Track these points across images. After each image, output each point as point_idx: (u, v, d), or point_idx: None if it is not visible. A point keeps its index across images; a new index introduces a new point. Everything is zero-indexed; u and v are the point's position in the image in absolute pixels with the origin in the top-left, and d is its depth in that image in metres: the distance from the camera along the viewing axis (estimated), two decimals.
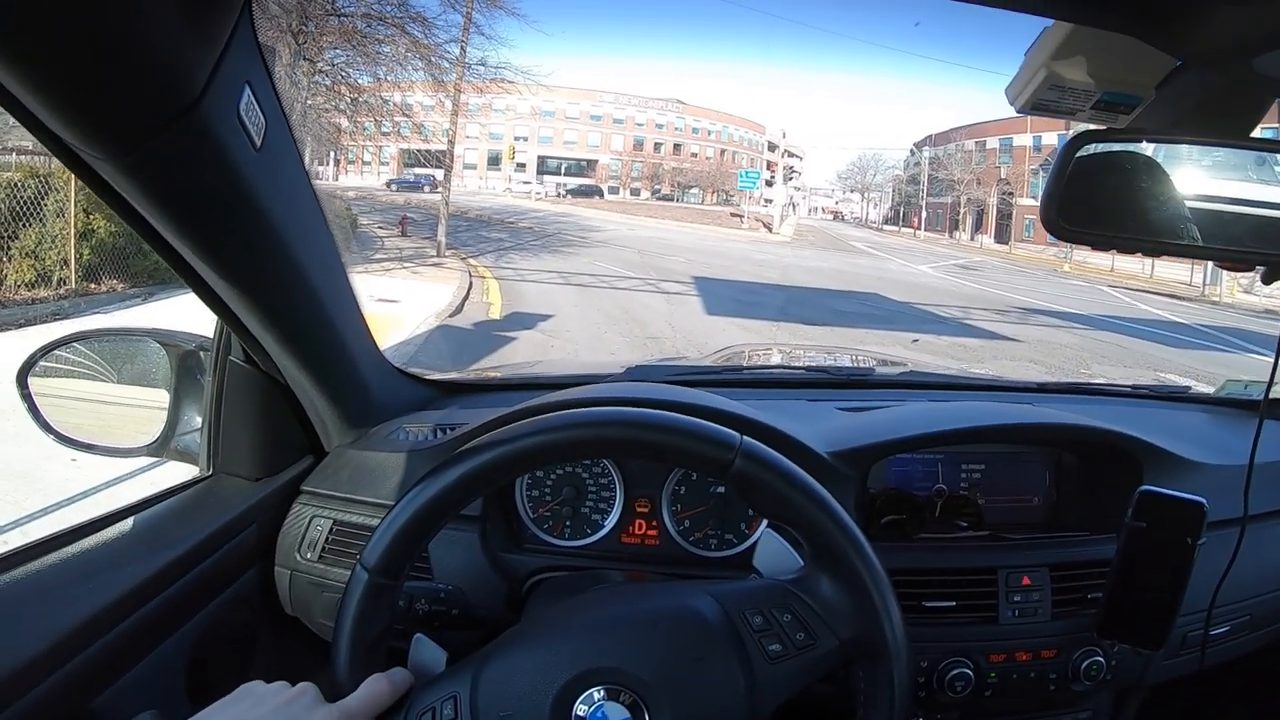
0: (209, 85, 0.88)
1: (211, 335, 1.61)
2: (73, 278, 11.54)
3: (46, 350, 1.66)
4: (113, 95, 0.81)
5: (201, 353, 1.68)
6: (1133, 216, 1.12)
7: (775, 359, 3.40)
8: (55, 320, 10.11)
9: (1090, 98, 1.19)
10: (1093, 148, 1.12)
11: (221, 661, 1.49)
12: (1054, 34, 1.13)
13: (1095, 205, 1.12)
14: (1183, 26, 0.96)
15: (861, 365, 2.82)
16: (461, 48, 21.91)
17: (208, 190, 1.02)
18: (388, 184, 43.59)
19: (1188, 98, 1.15)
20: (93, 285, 11.86)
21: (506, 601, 1.56)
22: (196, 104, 0.87)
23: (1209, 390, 2.51)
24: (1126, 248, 1.17)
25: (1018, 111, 1.27)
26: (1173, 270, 32.25)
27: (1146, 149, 1.13)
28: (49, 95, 0.78)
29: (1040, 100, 1.21)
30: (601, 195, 57.74)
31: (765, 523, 1.60)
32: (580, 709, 1.00)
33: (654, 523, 1.69)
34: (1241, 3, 0.88)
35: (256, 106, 1.01)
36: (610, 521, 1.69)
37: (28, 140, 12.64)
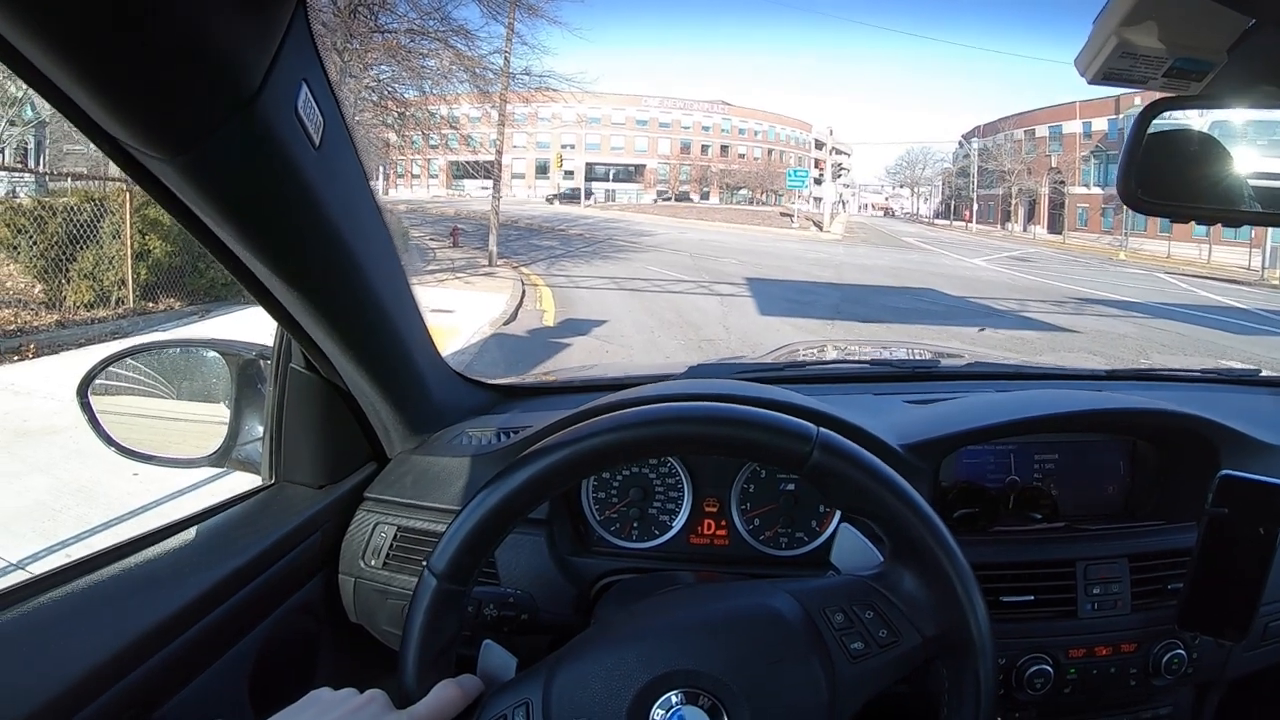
0: (265, 82, 0.86)
1: (270, 344, 1.61)
2: (130, 297, 11.80)
3: (107, 363, 1.67)
4: (168, 92, 0.80)
5: (262, 361, 1.68)
6: (1213, 185, 1.08)
7: (836, 355, 3.35)
8: (114, 339, 10.29)
9: (1162, 64, 1.15)
10: (1167, 116, 1.08)
11: (285, 670, 1.48)
12: None
13: (1174, 175, 1.09)
14: None
15: (923, 358, 2.78)
16: (505, 58, 22.14)
17: (266, 189, 1.00)
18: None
19: (1262, 60, 1.10)
20: (150, 304, 12.12)
21: (575, 605, 1.55)
22: (253, 101, 0.86)
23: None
24: (1207, 218, 1.13)
25: (1089, 82, 1.23)
26: (1231, 255, 31.78)
27: (1223, 116, 1.09)
28: (103, 94, 0.77)
29: (1111, 69, 1.17)
30: (590, 196, 57.50)
31: (838, 520, 1.57)
32: (657, 714, 0.98)
33: (723, 522, 1.67)
34: None
35: (314, 105, 0.99)
36: (679, 522, 1.66)
37: (83, 166, 12.94)
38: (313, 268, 1.19)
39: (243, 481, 1.71)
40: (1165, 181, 1.09)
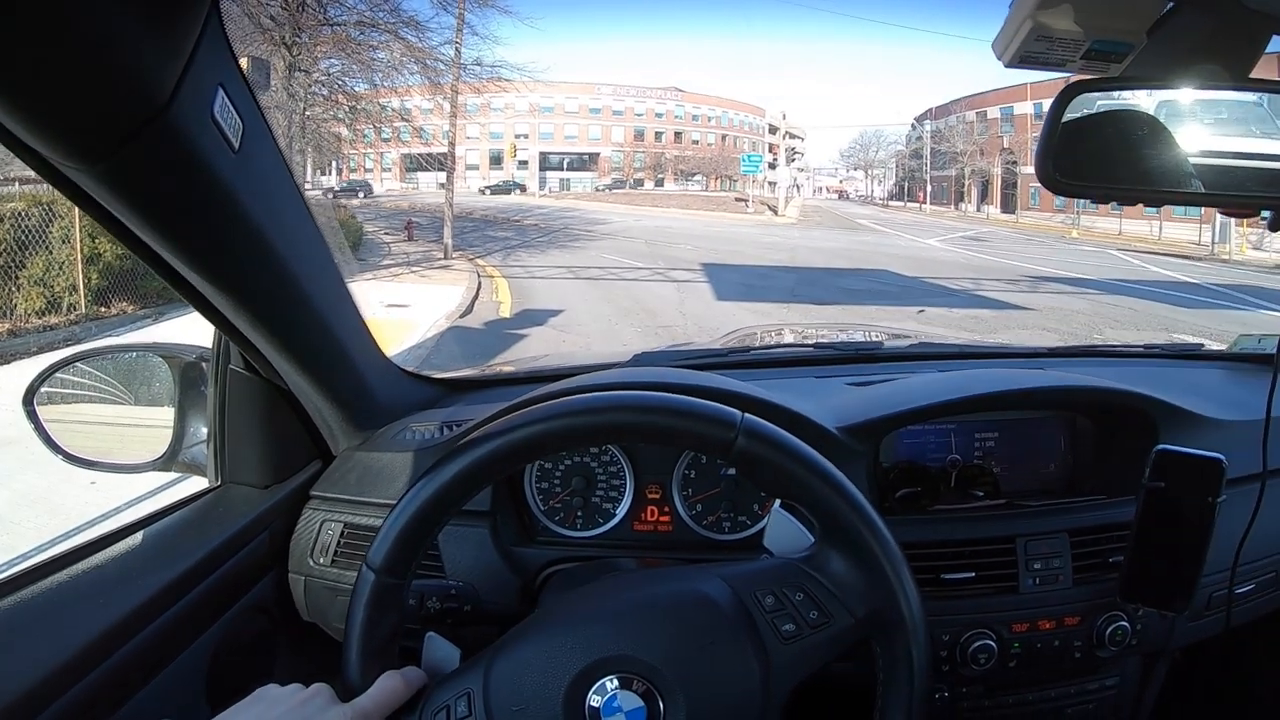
0: (178, 89, 0.86)
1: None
2: (83, 303, 11.62)
3: (51, 371, 1.66)
4: (78, 104, 0.80)
5: (203, 363, 1.67)
6: (1131, 167, 1.10)
7: (785, 338, 3.36)
8: (68, 345, 10.13)
9: (1079, 47, 1.17)
10: (1086, 99, 1.10)
11: (242, 670, 1.47)
12: None
13: (1092, 157, 1.10)
14: None
15: (871, 340, 2.80)
16: (456, 49, 22.01)
17: (186, 195, 1.00)
18: (325, 191, 43.37)
19: (1181, 41, 1.12)
20: (103, 309, 11.94)
21: (520, 596, 1.55)
22: (166, 109, 0.86)
23: (1222, 347, 2.49)
24: (1127, 199, 1.15)
25: (1006, 66, 1.24)
26: (1181, 230, 32.12)
27: (1143, 98, 1.11)
28: (13, 105, 0.77)
29: (1028, 53, 1.19)
30: (512, 192, 56.78)
31: (778, 502, 1.59)
32: (593, 699, 0.99)
33: (666, 509, 1.68)
34: None
35: (232, 109, 0.99)
36: (622, 510, 1.68)
37: (30, 170, 12.72)
38: (240, 270, 1.19)
39: (196, 486, 1.70)
40: (1086, 162, 1.10)
